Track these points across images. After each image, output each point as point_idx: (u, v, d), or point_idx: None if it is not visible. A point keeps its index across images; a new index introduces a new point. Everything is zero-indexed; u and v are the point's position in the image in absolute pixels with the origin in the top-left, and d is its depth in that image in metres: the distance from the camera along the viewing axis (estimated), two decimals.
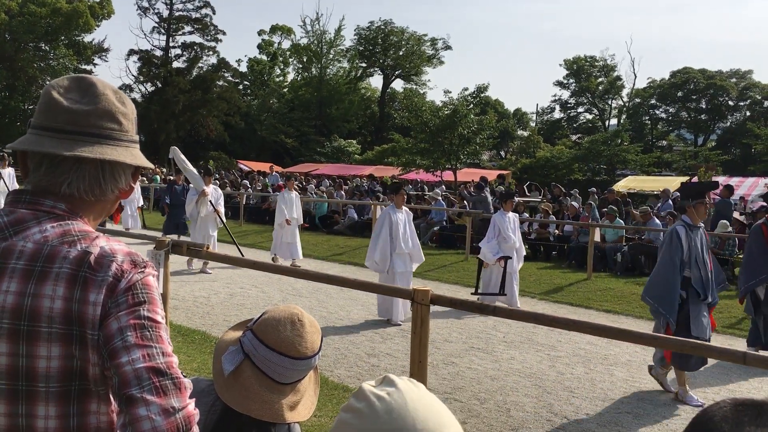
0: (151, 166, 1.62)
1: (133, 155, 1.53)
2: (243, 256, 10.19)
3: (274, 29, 58.03)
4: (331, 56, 54.58)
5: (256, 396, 1.74)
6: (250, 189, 24.18)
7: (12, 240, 1.40)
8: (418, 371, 4.29)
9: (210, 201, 12.47)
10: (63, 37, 44.69)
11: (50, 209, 1.45)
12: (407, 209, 9.62)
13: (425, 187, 25.95)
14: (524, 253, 11.09)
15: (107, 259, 1.40)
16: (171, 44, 49.80)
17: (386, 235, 9.08)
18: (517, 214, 11.54)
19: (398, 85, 57.78)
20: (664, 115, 54.56)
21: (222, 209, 13.03)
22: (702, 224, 6.63)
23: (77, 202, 1.48)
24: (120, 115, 1.51)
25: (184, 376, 1.39)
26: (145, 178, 26.75)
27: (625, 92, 55.20)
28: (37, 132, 1.46)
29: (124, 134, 1.52)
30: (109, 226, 14.81)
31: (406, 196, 10.10)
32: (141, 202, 18.62)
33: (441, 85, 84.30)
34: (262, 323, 1.79)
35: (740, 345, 8.61)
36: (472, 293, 10.60)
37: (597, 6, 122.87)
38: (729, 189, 15.53)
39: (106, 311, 1.37)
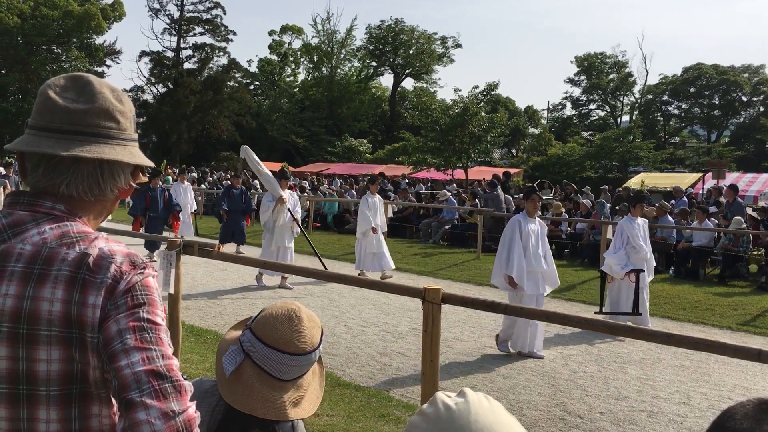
0: (151, 164, 1.60)
1: (132, 154, 1.51)
2: (326, 269, 9.62)
3: (284, 29, 58.07)
4: (341, 56, 54.61)
5: (257, 395, 1.73)
6: (260, 189, 24.23)
7: (10, 242, 1.39)
8: (430, 370, 4.27)
9: (288, 208, 11.26)
10: (75, 40, 44.91)
11: (49, 210, 1.43)
12: (540, 220, 8.13)
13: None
14: (654, 264, 9.55)
15: (106, 261, 1.38)
16: (182, 45, 49.99)
17: (520, 248, 7.61)
18: (647, 220, 9.84)
19: (409, 83, 57.80)
20: (676, 112, 54.25)
21: (299, 216, 11.74)
22: None
23: (76, 202, 1.47)
24: (118, 114, 1.49)
25: (185, 379, 1.37)
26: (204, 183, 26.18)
27: (636, 89, 54.97)
28: (34, 132, 1.44)
29: (122, 133, 1.50)
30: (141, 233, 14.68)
31: (540, 203, 8.69)
32: (195, 207, 17.40)
33: (451, 83, 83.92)
34: (259, 321, 1.78)
35: (756, 342, 8.54)
36: (596, 312, 9.32)
37: (608, 2, 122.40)
38: (734, 189, 15.34)
39: (106, 313, 1.35)
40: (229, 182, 16.52)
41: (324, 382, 1.92)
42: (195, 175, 31.18)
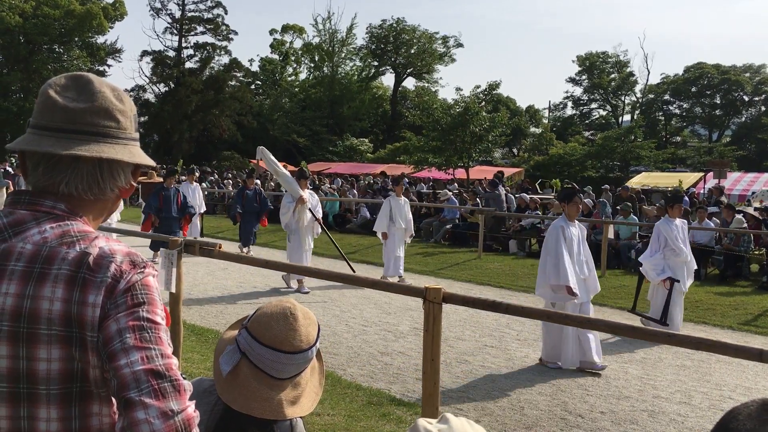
0: (152, 163, 1.60)
1: (132, 153, 1.51)
2: (354, 271, 9.37)
3: (285, 28, 58.10)
4: (343, 55, 54.60)
5: (255, 394, 1.73)
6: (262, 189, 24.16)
7: (11, 241, 1.39)
8: (431, 369, 4.27)
9: (309, 209, 10.85)
10: (76, 39, 45.00)
11: (50, 209, 1.43)
12: (580, 224, 7.61)
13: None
14: (695, 267, 9.07)
15: (106, 260, 1.39)
16: (183, 45, 50.01)
17: (568, 254, 7.06)
18: (685, 221, 9.31)
19: (410, 83, 57.80)
20: (678, 111, 54.24)
21: (320, 216, 11.32)
22: None
23: (76, 201, 1.47)
24: (117, 113, 1.49)
25: (185, 378, 1.37)
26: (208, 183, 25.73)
27: (638, 88, 54.97)
28: (35, 131, 1.44)
29: (122, 132, 1.50)
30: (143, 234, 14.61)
31: (581, 206, 8.25)
32: (203, 209, 16.76)
33: (453, 82, 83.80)
34: (255, 320, 1.78)
35: (757, 342, 8.54)
36: (628, 310, 9.21)
37: (609, 2, 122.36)
38: (732, 209, 15.30)
39: (105, 313, 1.35)
40: (242, 183, 16.19)
41: (324, 378, 1.91)
42: (196, 174, 31.13)
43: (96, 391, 1.40)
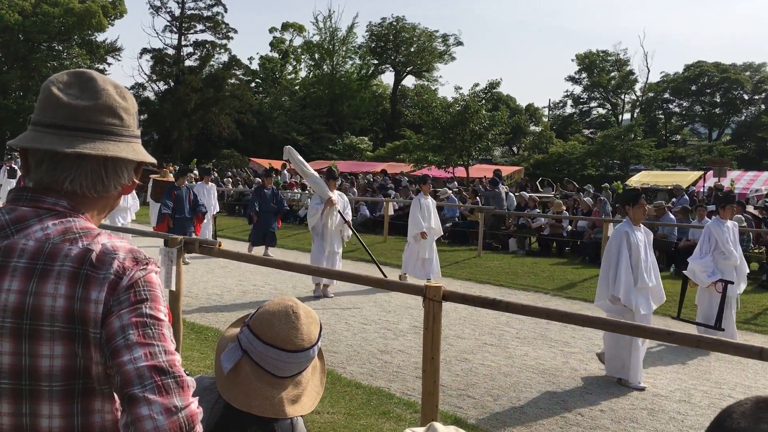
0: (154, 161, 1.61)
1: (135, 150, 1.52)
2: (385, 276, 9.12)
3: (285, 26, 58.08)
4: (343, 53, 54.56)
5: (255, 392, 1.72)
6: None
7: (14, 238, 1.39)
8: (431, 368, 4.28)
9: (339, 211, 10.41)
10: (76, 37, 44.93)
11: (52, 206, 1.43)
12: (646, 227, 7.06)
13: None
14: (747, 271, 8.66)
15: (109, 257, 1.39)
16: (183, 43, 49.90)
17: (627, 263, 6.63)
18: (736, 223, 8.95)
19: (410, 81, 57.75)
20: (677, 110, 54.19)
21: (350, 218, 10.87)
22: None
23: (79, 198, 1.47)
24: (121, 110, 1.49)
25: (187, 374, 1.38)
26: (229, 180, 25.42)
27: (638, 87, 54.86)
28: (37, 128, 1.44)
29: (126, 129, 1.50)
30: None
31: (647, 209, 7.88)
32: (217, 209, 16.52)
33: (453, 81, 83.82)
34: (257, 318, 1.78)
35: (757, 340, 8.54)
36: (673, 317, 8.58)
37: (610, 0, 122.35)
38: (741, 204, 15.32)
39: (108, 309, 1.35)
40: (260, 182, 15.79)
41: (325, 377, 1.91)
42: (196, 173, 31.10)
43: (98, 388, 1.40)
